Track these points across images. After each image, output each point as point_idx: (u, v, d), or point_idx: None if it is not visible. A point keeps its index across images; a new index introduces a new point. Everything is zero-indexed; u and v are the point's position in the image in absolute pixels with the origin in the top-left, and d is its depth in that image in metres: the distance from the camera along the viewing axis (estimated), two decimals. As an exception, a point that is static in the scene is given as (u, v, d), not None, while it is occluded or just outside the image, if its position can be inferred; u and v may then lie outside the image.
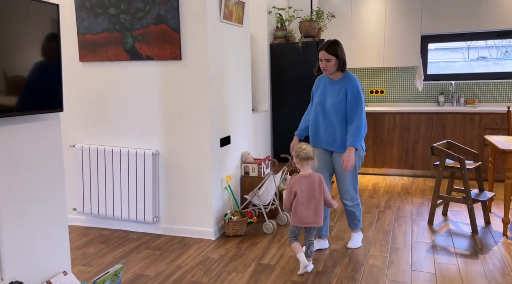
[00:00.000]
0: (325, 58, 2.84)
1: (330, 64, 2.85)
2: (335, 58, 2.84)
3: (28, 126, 2.09)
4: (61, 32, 3.55)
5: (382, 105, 5.80)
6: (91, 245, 3.29)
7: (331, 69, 2.86)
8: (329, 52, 2.83)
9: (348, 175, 2.97)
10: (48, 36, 2.07)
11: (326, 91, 2.94)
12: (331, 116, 2.90)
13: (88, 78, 3.55)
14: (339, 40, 5.46)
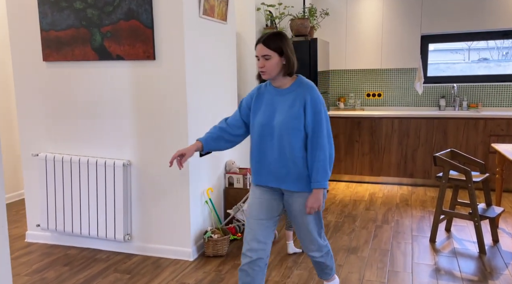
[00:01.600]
0: (262, 54, 1.96)
1: (270, 63, 1.95)
2: (277, 56, 1.95)
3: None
4: (22, 29, 3.19)
5: (379, 109, 5.46)
6: (53, 267, 2.93)
7: (272, 71, 1.97)
8: (269, 46, 1.94)
9: (311, 219, 2.09)
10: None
11: (274, 104, 2.02)
12: (283, 139, 1.98)
13: (52, 79, 3.19)
14: (335, 40, 5.15)
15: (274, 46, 1.95)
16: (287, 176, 2.02)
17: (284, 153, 1.99)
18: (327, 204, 4.34)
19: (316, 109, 1.96)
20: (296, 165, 2.00)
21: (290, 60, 1.98)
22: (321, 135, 1.96)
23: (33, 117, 3.28)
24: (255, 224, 2.07)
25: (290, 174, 2.01)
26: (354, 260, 3.01)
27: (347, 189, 4.92)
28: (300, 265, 2.94)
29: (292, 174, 2.01)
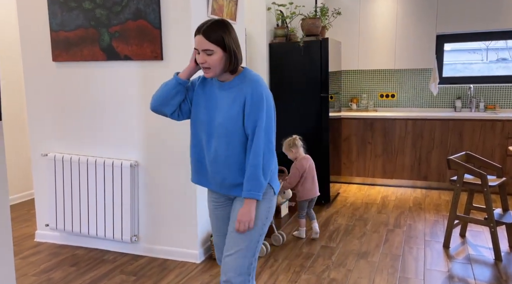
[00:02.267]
0: (203, 48, 1.64)
1: (212, 59, 1.65)
2: (221, 50, 1.65)
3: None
4: (32, 29, 3.21)
5: (393, 110, 5.35)
6: (60, 268, 2.93)
7: (216, 68, 1.67)
8: (210, 39, 1.63)
9: (246, 238, 1.73)
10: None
11: (215, 100, 1.75)
12: (220, 142, 1.71)
13: (61, 79, 3.20)
14: (347, 40, 5.06)
15: (217, 38, 1.64)
16: (224, 182, 1.76)
17: (219, 158, 1.72)
18: (338, 206, 4.27)
19: (255, 107, 1.66)
20: (231, 172, 1.73)
21: (235, 56, 1.68)
22: (258, 137, 1.66)
23: (43, 117, 3.29)
24: (218, 240, 1.92)
25: (226, 181, 1.75)
26: (364, 265, 2.93)
27: (359, 191, 4.83)
28: (308, 269, 2.87)
29: (228, 181, 1.75)
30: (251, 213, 1.69)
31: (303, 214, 3.45)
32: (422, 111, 5.23)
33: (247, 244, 1.73)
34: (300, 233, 3.46)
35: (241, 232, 1.71)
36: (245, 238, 1.73)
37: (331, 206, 4.30)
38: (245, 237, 1.73)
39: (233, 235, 1.75)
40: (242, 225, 1.70)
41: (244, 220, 1.69)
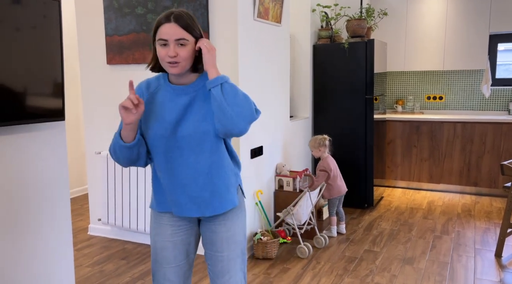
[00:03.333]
0: (176, 38, 1.38)
1: (185, 52, 1.40)
2: (193, 41, 1.41)
3: (27, 137, 1.88)
4: (89, 34, 3.40)
5: (441, 113, 5.17)
6: (111, 260, 3.08)
7: (186, 62, 1.42)
8: (184, 27, 1.39)
9: (238, 253, 1.59)
10: (51, 36, 1.85)
11: (177, 108, 1.47)
12: (199, 151, 1.47)
13: (114, 81, 3.37)
14: (393, 40, 4.96)
15: (190, 25, 1.40)
16: (212, 198, 1.50)
17: (204, 170, 1.48)
18: (382, 210, 4.19)
19: None
20: (223, 180, 1.51)
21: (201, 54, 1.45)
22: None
23: (97, 117, 3.48)
24: (172, 272, 1.57)
25: (216, 194, 1.51)
26: (409, 271, 2.86)
27: (404, 196, 4.71)
28: (351, 273, 2.85)
29: (219, 193, 1.51)
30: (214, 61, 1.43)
31: (334, 212, 3.53)
32: (473, 114, 5.02)
33: (240, 262, 1.60)
34: (331, 231, 3.50)
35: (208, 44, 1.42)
36: (236, 258, 1.58)
37: (374, 210, 4.23)
38: (236, 257, 1.58)
39: (222, 258, 1.56)
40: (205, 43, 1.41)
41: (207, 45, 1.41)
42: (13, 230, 1.86)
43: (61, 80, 1.93)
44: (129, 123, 1.40)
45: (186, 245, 1.59)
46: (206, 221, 1.58)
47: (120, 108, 1.38)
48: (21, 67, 1.75)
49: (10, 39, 1.69)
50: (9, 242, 1.85)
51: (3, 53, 1.67)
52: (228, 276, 1.56)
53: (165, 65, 1.43)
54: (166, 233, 1.56)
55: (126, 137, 1.44)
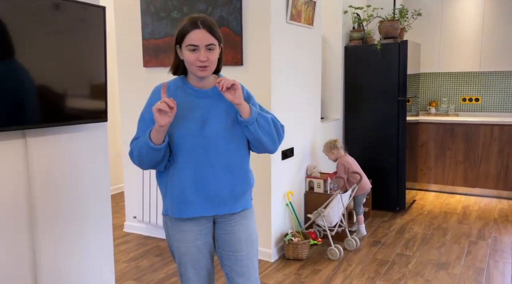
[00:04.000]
0: (206, 44, 1.47)
1: (213, 56, 1.50)
2: (218, 46, 1.53)
3: (70, 137, 1.98)
4: (127, 38, 3.53)
5: (477, 115, 5.03)
6: (147, 257, 3.19)
7: (213, 66, 1.52)
8: (214, 34, 1.49)
9: (255, 251, 1.66)
10: (96, 41, 1.95)
11: (199, 110, 1.54)
12: (225, 151, 1.54)
13: (150, 83, 3.47)
14: (427, 41, 4.87)
15: (217, 32, 1.52)
16: (229, 198, 1.56)
17: (228, 168, 1.54)
18: (414, 214, 4.12)
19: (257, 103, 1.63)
20: (244, 180, 1.59)
21: (222, 56, 1.59)
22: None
23: (134, 118, 3.60)
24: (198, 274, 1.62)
25: (234, 194, 1.57)
26: (443, 276, 2.81)
27: (437, 199, 4.61)
28: (383, 276, 2.83)
29: (236, 194, 1.57)
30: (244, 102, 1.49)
31: (360, 210, 3.51)
32: (511, 116, 4.85)
33: (256, 260, 1.66)
34: (360, 230, 3.48)
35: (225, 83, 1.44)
36: (253, 256, 1.65)
37: (406, 213, 4.17)
38: (253, 256, 1.64)
39: (242, 258, 1.61)
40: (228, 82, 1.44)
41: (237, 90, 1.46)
42: (59, 225, 1.97)
43: (104, 83, 2.02)
44: (163, 125, 1.43)
45: (208, 247, 1.63)
46: (222, 222, 1.62)
47: (155, 111, 1.40)
48: (67, 71, 1.85)
49: (56, 43, 1.80)
50: (56, 236, 1.96)
51: (50, 57, 1.78)
52: (249, 274, 1.62)
53: (194, 69, 1.50)
54: (188, 239, 1.58)
55: (157, 140, 1.46)
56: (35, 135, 1.83)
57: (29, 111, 1.71)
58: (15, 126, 1.67)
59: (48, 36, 1.75)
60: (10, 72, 1.64)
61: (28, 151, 1.81)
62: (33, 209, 1.85)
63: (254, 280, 1.64)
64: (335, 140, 3.55)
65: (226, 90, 1.45)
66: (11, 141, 1.75)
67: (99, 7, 1.95)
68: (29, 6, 1.67)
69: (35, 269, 1.88)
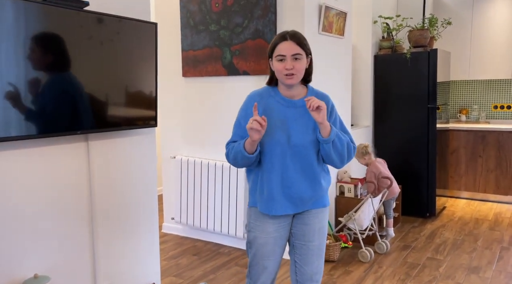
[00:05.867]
0: (292, 53, 1.64)
1: (300, 65, 1.66)
2: (305, 56, 1.69)
3: (124, 141, 2.19)
4: (167, 49, 3.76)
5: (509, 123, 5.00)
6: (185, 256, 3.37)
7: (301, 74, 1.68)
8: (300, 44, 1.66)
9: (324, 242, 1.85)
10: (147, 54, 2.16)
11: (287, 119, 1.71)
12: (305, 158, 1.72)
13: (189, 92, 3.69)
14: (457, 49, 4.90)
15: (304, 43, 1.68)
16: (309, 200, 1.76)
17: (309, 174, 1.73)
18: (445, 220, 4.14)
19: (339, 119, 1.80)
20: (320, 185, 1.77)
21: (311, 66, 1.75)
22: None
23: (173, 124, 3.82)
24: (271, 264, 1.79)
25: (313, 197, 1.77)
26: (475, 279, 2.86)
27: (468, 206, 4.61)
28: (414, 278, 2.90)
29: (316, 197, 1.77)
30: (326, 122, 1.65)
31: (390, 214, 3.58)
32: (545, 123, 4.81)
33: (324, 251, 1.84)
34: (388, 232, 3.55)
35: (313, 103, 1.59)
36: (323, 247, 1.83)
37: (436, 219, 4.20)
38: (323, 247, 1.83)
39: (313, 247, 1.79)
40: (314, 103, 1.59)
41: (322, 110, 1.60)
42: (114, 220, 2.18)
43: (155, 92, 2.23)
44: (256, 140, 1.63)
45: (284, 239, 1.82)
46: (300, 215, 1.81)
47: (248, 129, 1.60)
48: (123, 81, 2.06)
49: (113, 57, 2.01)
50: (112, 230, 2.16)
51: (107, 70, 1.99)
52: (317, 263, 1.82)
53: (282, 77, 1.68)
54: (269, 230, 1.76)
55: (250, 150, 1.67)
56: (95, 138, 2.05)
57: (89, 118, 1.92)
58: (79, 130, 1.89)
59: (107, 51, 1.96)
60: (70, 83, 1.86)
61: (90, 153, 2.03)
62: (93, 205, 2.06)
63: (320, 269, 1.82)
64: (366, 146, 3.61)
65: (314, 109, 1.61)
66: (75, 144, 1.96)
67: (152, 23, 2.17)
68: (95, 24, 1.89)
69: (94, 259, 2.08)
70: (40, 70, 1.70)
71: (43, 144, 1.82)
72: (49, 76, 1.74)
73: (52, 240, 1.87)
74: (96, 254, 2.08)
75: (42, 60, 1.70)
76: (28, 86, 1.66)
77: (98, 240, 2.08)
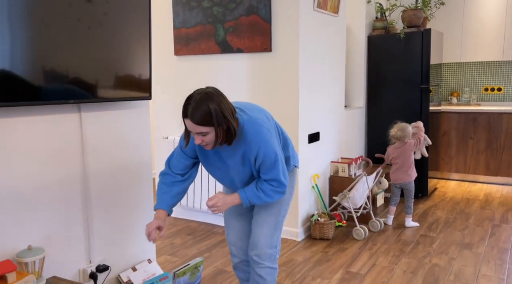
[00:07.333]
0: (196, 132, 1.59)
1: (209, 138, 1.60)
2: (213, 129, 1.58)
3: (118, 114, 2.14)
4: (158, 27, 3.68)
5: (499, 105, 5.05)
6: (179, 235, 3.34)
7: (215, 142, 1.63)
8: (200, 123, 1.56)
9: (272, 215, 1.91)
10: (140, 27, 2.09)
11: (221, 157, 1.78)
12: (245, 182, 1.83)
13: (181, 71, 3.62)
14: (450, 31, 4.86)
15: (206, 120, 1.55)
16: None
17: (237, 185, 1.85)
18: (436, 200, 4.18)
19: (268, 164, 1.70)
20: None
21: (229, 128, 1.61)
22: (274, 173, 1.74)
23: (165, 104, 3.76)
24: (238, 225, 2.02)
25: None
26: (468, 254, 2.89)
27: (458, 187, 4.66)
28: (408, 254, 2.92)
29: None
30: (229, 205, 1.74)
31: (393, 201, 3.48)
32: (534, 105, 4.86)
33: (275, 220, 1.88)
34: (387, 220, 3.50)
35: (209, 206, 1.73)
36: (272, 214, 1.87)
37: (428, 199, 4.23)
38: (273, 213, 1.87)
39: (262, 213, 1.87)
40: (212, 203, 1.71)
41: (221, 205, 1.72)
42: (109, 194, 2.13)
43: (149, 64, 2.16)
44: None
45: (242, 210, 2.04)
46: None
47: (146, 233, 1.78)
48: (117, 52, 2.00)
49: (107, 28, 1.95)
50: (106, 204, 2.11)
51: (101, 40, 1.93)
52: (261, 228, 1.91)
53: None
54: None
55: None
56: (88, 110, 1.99)
57: (82, 88, 1.86)
58: (72, 100, 1.83)
59: (102, 21, 1.90)
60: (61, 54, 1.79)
61: (82, 125, 1.97)
62: (87, 178, 2.00)
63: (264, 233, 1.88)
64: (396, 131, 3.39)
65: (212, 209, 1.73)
66: (68, 114, 1.90)
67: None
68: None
69: (88, 234, 2.04)
70: (30, 40, 1.63)
71: (34, 113, 1.76)
72: (39, 46, 1.67)
73: (46, 212, 1.82)
74: (90, 229, 2.03)
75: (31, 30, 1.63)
76: (18, 55, 1.60)
77: (92, 215, 2.04)
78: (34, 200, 1.77)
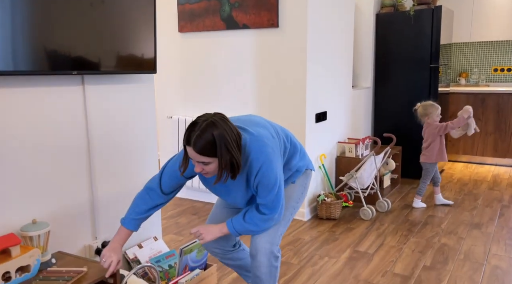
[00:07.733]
0: (197, 161, 1.49)
1: (210, 167, 1.50)
2: (216, 159, 1.48)
3: (123, 86, 2.08)
4: (162, 3, 3.58)
5: (509, 85, 4.95)
6: (184, 215, 3.31)
7: (216, 172, 1.52)
8: (203, 153, 1.45)
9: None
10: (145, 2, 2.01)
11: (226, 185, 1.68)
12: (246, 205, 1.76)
13: (185, 48, 3.54)
14: (460, 9, 4.73)
15: (209, 150, 1.44)
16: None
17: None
18: (444, 181, 4.13)
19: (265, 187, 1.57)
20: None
21: (232, 162, 1.48)
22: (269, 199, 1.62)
23: (169, 83, 3.69)
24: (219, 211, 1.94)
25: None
26: (477, 234, 2.85)
27: (466, 169, 4.61)
28: (417, 234, 2.88)
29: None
30: (215, 234, 1.67)
31: (433, 181, 3.41)
32: (545, 86, 4.76)
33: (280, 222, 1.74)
34: (436, 201, 3.45)
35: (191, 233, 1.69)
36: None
37: (436, 181, 4.18)
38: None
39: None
40: (198, 232, 1.67)
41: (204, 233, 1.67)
42: (113, 165, 2.08)
43: (154, 38, 2.09)
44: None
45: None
46: None
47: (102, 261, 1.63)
48: (122, 26, 1.93)
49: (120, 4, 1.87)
50: (111, 174, 2.07)
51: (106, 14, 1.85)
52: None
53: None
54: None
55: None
56: (92, 82, 1.93)
57: (85, 59, 1.80)
58: (75, 71, 1.76)
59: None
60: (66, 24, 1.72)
61: (86, 98, 1.91)
62: (92, 152, 1.96)
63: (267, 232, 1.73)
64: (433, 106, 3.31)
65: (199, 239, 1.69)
66: (71, 87, 1.85)
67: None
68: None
69: (93, 209, 2.00)
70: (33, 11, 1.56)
71: (38, 84, 1.70)
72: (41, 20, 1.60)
73: (50, 187, 1.78)
74: (95, 205, 1.99)
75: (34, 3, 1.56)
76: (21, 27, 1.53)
77: (97, 190, 2.00)
78: (39, 173, 1.73)
